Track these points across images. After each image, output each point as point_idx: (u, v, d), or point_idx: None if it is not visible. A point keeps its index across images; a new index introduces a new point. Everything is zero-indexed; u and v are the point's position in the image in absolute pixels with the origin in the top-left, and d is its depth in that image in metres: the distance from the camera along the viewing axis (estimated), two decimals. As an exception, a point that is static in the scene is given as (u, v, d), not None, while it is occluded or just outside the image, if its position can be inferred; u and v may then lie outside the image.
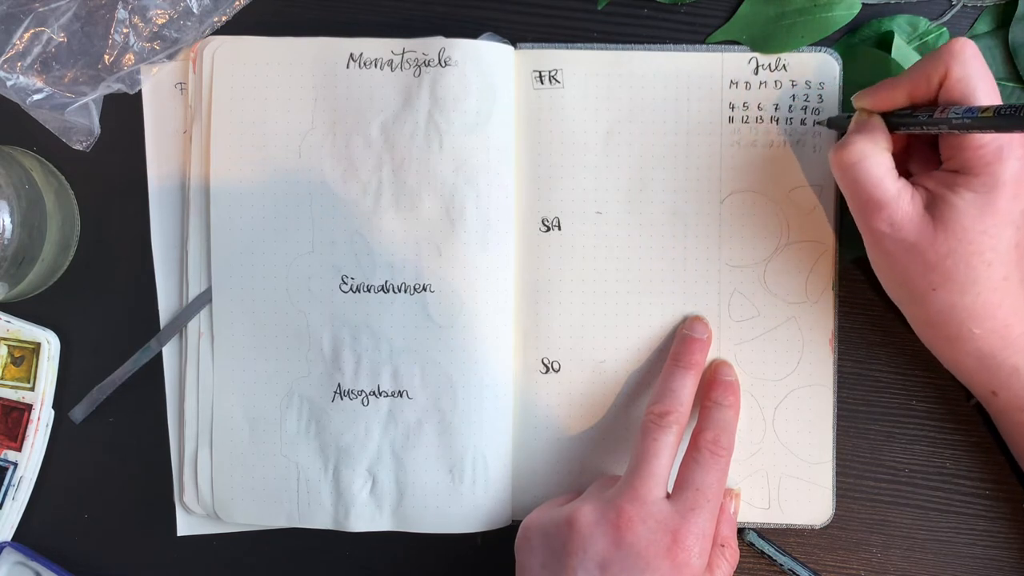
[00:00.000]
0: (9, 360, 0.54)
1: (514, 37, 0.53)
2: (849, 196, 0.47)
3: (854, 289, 0.54)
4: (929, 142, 0.48)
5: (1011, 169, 0.44)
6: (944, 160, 0.46)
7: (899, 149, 0.48)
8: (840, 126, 0.51)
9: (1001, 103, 0.42)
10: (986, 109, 0.42)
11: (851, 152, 0.46)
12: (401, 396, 0.53)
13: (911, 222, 0.45)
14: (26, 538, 0.55)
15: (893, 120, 0.47)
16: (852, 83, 0.53)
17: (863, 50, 0.53)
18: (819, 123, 0.53)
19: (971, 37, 0.53)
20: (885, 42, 0.52)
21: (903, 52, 0.52)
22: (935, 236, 0.45)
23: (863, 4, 0.52)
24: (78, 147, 0.53)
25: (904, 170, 0.48)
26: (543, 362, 0.54)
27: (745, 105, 0.53)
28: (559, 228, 0.53)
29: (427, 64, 0.52)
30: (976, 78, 0.44)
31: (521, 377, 0.54)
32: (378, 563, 0.55)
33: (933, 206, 0.45)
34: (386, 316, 0.53)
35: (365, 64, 0.53)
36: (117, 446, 0.55)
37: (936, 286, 0.46)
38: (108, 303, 0.55)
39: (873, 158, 0.46)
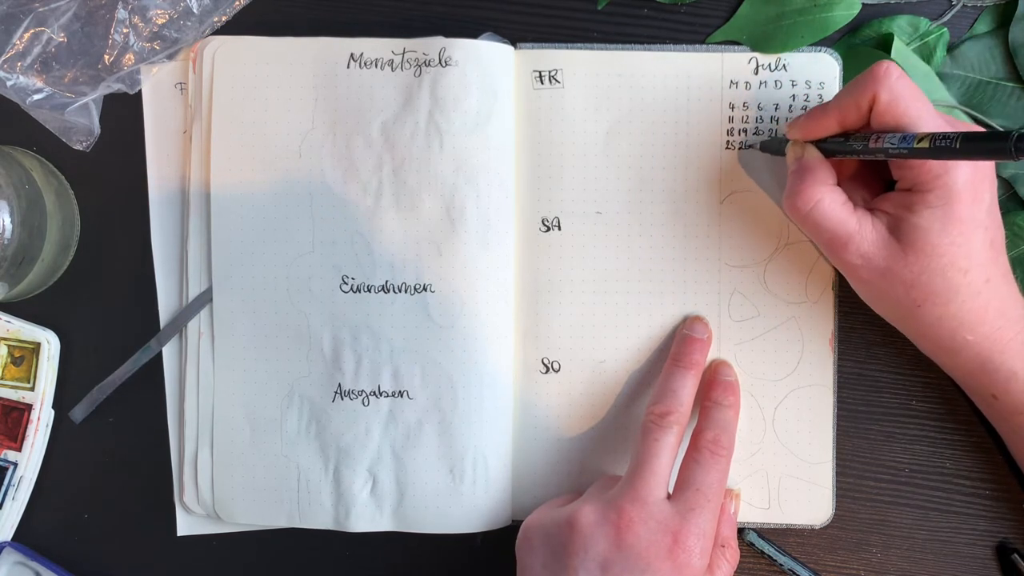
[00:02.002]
0: (9, 360, 0.54)
1: (514, 37, 0.53)
2: (815, 238, 0.48)
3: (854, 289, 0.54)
4: (875, 162, 0.48)
5: (963, 177, 0.44)
6: (896, 179, 0.46)
7: (847, 174, 0.48)
8: (773, 150, 0.51)
9: (934, 131, 0.42)
10: (922, 138, 0.42)
11: (804, 200, 0.46)
12: (401, 396, 0.53)
13: (880, 249, 0.45)
14: (26, 538, 0.55)
15: (829, 147, 0.47)
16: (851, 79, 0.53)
17: (863, 51, 0.53)
18: (751, 147, 0.53)
19: (971, 37, 0.53)
20: (885, 43, 0.52)
21: (903, 53, 0.52)
22: (906, 257, 0.45)
23: (863, 4, 0.52)
24: (78, 147, 0.53)
25: (856, 192, 0.48)
26: (543, 362, 0.54)
27: (745, 105, 0.53)
28: (559, 228, 0.53)
29: (427, 64, 0.52)
30: (905, 100, 0.44)
31: (521, 377, 0.54)
32: (378, 563, 0.55)
33: (897, 228, 0.45)
34: (386, 316, 0.53)
35: (365, 64, 0.53)
36: (117, 446, 0.55)
37: (920, 302, 0.46)
38: (108, 303, 0.55)
39: (825, 199, 0.46)
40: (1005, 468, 0.53)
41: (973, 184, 0.44)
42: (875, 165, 0.48)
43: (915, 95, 0.44)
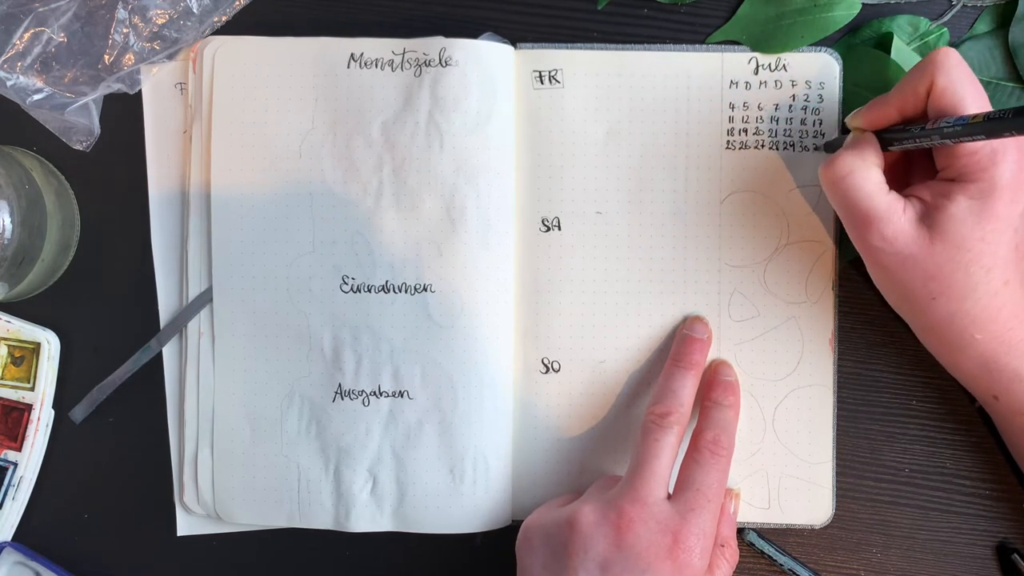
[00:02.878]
0: (9, 360, 0.54)
1: (514, 37, 0.53)
2: (840, 212, 0.47)
3: (854, 289, 0.54)
4: (928, 159, 0.48)
5: (1007, 172, 0.44)
6: (940, 170, 0.46)
7: (900, 168, 0.48)
8: (837, 147, 0.51)
9: (990, 108, 0.42)
10: (976, 116, 0.42)
11: (838, 167, 0.46)
12: (402, 396, 0.53)
13: (904, 234, 0.45)
14: (26, 538, 0.55)
15: (888, 136, 0.47)
16: (852, 83, 0.53)
17: (863, 51, 0.53)
18: (818, 148, 0.53)
19: (971, 37, 0.53)
20: (885, 42, 0.52)
21: (903, 53, 0.52)
22: (931, 246, 0.45)
23: (863, 4, 0.52)
24: (78, 147, 0.53)
25: (905, 187, 0.48)
26: (543, 362, 0.54)
27: (745, 105, 0.53)
28: (559, 228, 0.53)
29: (427, 64, 0.52)
30: (961, 84, 0.44)
31: (521, 377, 0.54)
32: (378, 563, 0.55)
33: (928, 216, 0.45)
34: (387, 316, 0.53)
35: (366, 64, 0.53)
36: (117, 446, 0.55)
37: (936, 295, 0.45)
38: (108, 303, 0.55)
39: (860, 172, 0.46)
40: (1005, 468, 0.53)
41: (1016, 183, 0.44)
42: (924, 164, 0.48)
43: (971, 81, 0.44)
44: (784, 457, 0.53)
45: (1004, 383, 0.47)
